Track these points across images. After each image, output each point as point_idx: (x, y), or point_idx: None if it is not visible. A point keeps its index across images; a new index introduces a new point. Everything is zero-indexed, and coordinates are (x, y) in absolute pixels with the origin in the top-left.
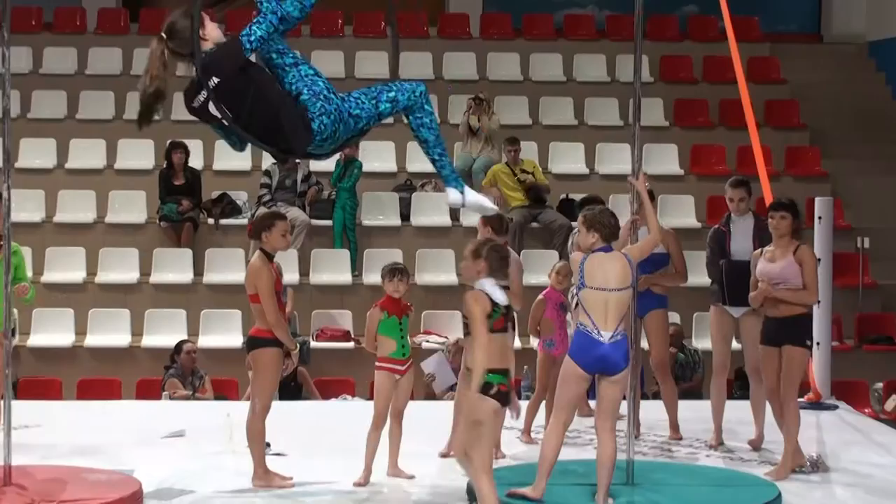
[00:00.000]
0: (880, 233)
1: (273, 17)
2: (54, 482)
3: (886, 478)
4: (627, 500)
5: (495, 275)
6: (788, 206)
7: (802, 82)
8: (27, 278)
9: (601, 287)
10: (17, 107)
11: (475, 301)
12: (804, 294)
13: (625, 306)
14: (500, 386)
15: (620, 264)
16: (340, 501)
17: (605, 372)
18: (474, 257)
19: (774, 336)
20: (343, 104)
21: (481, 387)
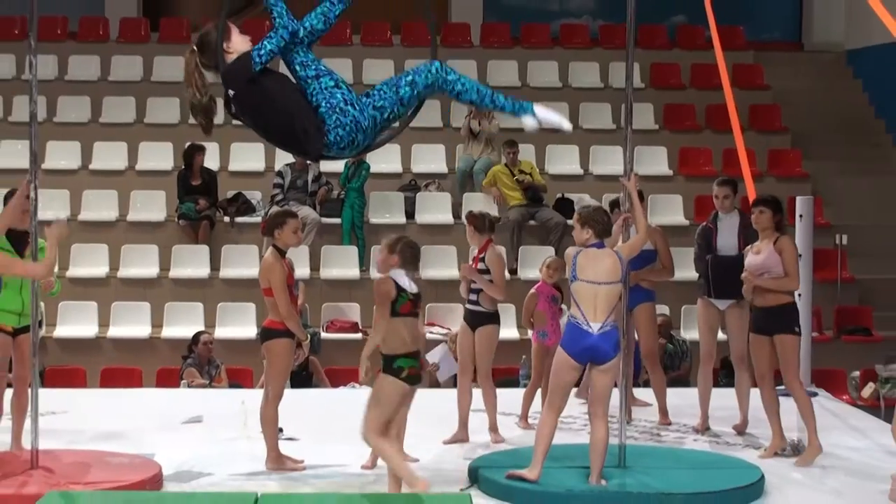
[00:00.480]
0: (858, 230)
1: (284, 31)
2: (79, 465)
3: (863, 460)
4: (619, 482)
5: (407, 267)
6: (767, 202)
7: (784, 88)
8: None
9: (592, 280)
10: (44, 111)
11: (385, 287)
12: (785, 281)
13: (614, 300)
14: (410, 370)
15: (611, 260)
16: (349, 483)
17: (595, 361)
18: (389, 251)
19: (763, 325)
20: (361, 113)
21: (392, 370)
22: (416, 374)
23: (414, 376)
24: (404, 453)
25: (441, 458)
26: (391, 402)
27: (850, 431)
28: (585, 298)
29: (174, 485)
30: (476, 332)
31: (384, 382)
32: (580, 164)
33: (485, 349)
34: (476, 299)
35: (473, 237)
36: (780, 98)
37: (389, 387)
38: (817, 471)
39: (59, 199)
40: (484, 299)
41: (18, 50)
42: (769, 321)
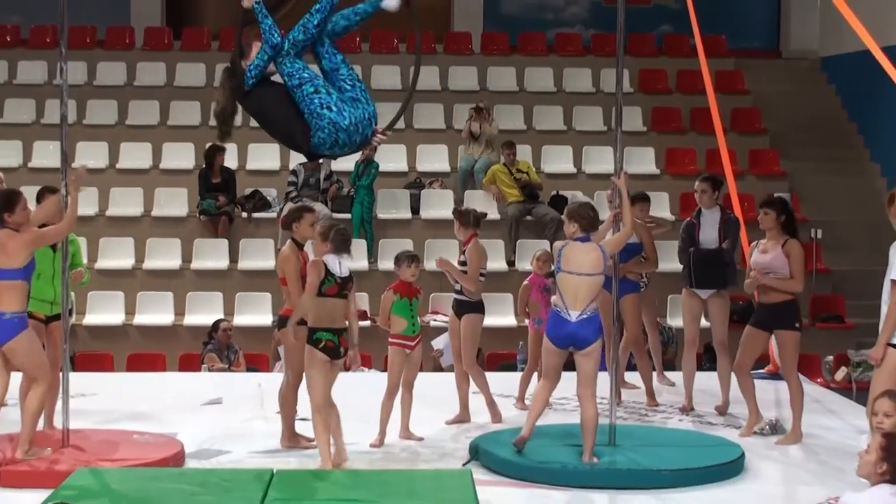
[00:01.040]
0: (831, 225)
1: (267, 47)
2: (107, 443)
3: (835, 439)
4: (610, 459)
5: (338, 252)
6: (771, 203)
7: (763, 93)
8: (83, 264)
9: (575, 272)
10: (74, 114)
11: (315, 269)
12: (791, 283)
13: (595, 290)
14: (327, 342)
15: (595, 254)
16: (358, 460)
17: (575, 346)
18: (322, 239)
19: (765, 320)
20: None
21: (312, 340)
22: (333, 346)
23: (331, 349)
24: (409, 431)
25: (444, 436)
26: (319, 370)
27: (824, 412)
28: (568, 288)
29: (195, 462)
30: (461, 319)
31: (308, 354)
32: (573, 164)
33: (468, 336)
34: (460, 289)
35: (459, 231)
36: (760, 102)
37: (312, 356)
38: (793, 449)
39: (88, 196)
40: (466, 289)
41: (50, 57)
42: (771, 317)
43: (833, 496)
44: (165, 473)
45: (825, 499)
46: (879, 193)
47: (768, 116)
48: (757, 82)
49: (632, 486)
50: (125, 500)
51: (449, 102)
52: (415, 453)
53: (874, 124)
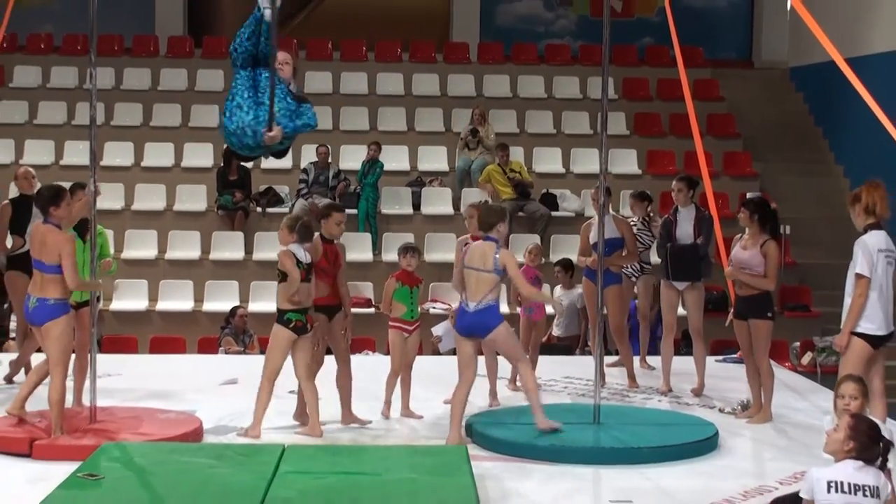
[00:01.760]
0: (799, 221)
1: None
2: (131, 420)
3: (801, 418)
4: (594, 437)
5: (302, 242)
6: (747, 203)
7: (737, 100)
8: (110, 255)
9: (474, 267)
10: (102, 116)
11: (287, 257)
12: (763, 281)
13: (489, 284)
14: (297, 322)
15: (490, 253)
16: (363, 435)
17: (477, 334)
18: (289, 231)
19: (742, 310)
20: (230, 119)
21: (283, 321)
22: (301, 325)
23: (299, 327)
24: (409, 410)
25: (442, 415)
26: (282, 347)
27: (792, 393)
28: (468, 282)
29: (213, 437)
30: None
31: (277, 332)
32: (562, 164)
33: None
34: None
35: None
36: (734, 108)
37: (281, 333)
38: (763, 427)
39: (115, 192)
40: None
41: (80, 63)
42: (746, 307)
43: (800, 470)
44: (185, 448)
45: (792, 473)
46: (843, 193)
47: (741, 122)
48: (731, 90)
49: (615, 462)
50: (148, 472)
51: (448, 107)
52: (415, 430)
53: (838, 129)
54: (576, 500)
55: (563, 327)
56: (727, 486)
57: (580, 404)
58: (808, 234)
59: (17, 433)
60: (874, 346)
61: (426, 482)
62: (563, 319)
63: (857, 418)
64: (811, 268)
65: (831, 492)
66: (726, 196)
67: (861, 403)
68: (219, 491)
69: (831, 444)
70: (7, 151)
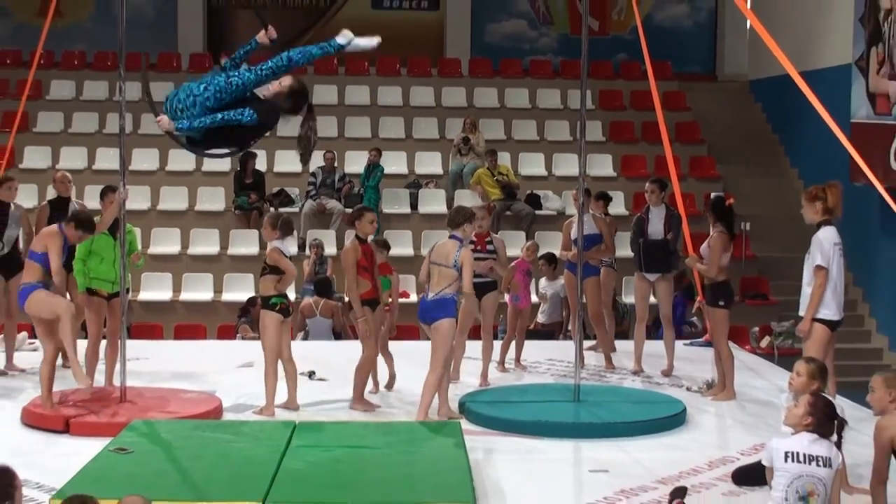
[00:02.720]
0: (758, 219)
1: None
2: (158, 399)
3: (760, 396)
4: (574, 413)
5: (284, 237)
6: (706, 204)
7: (702, 110)
8: (138, 250)
9: (438, 262)
10: (130, 125)
11: (278, 254)
12: (706, 269)
13: (449, 279)
14: (281, 305)
15: (452, 250)
16: (366, 414)
17: (426, 321)
18: (272, 228)
19: (707, 298)
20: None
21: (269, 305)
22: (285, 307)
23: (284, 309)
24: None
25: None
26: (273, 329)
27: (751, 373)
28: (433, 274)
29: (231, 415)
30: (481, 299)
31: (265, 316)
32: (545, 168)
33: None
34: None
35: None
36: (699, 117)
37: (268, 317)
38: (726, 403)
39: (143, 194)
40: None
41: (110, 78)
42: (707, 295)
43: (759, 442)
44: (206, 424)
45: (752, 445)
46: (797, 193)
47: (706, 129)
48: (696, 101)
49: (593, 436)
50: (173, 446)
51: (442, 117)
52: (413, 407)
53: (793, 136)
54: (558, 470)
55: (546, 315)
56: (694, 456)
57: (562, 384)
58: (765, 231)
59: (53, 412)
60: (832, 330)
61: (423, 454)
62: (546, 307)
63: (817, 397)
64: (769, 260)
65: (788, 461)
66: (693, 196)
67: (805, 382)
68: (237, 463)
69: (791, 419)
70: (45, 157)
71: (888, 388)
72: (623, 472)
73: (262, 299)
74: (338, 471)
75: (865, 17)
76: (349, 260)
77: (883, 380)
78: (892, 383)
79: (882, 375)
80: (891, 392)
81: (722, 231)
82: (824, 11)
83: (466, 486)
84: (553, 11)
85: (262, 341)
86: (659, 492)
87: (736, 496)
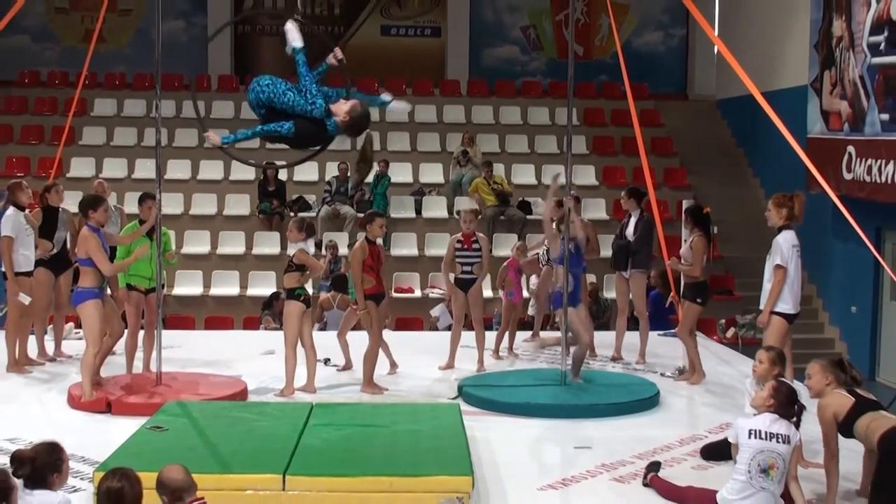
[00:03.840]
0: (724, 223)
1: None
2: (190, 382)
3: (726, 381)
4: (561, 395)
5: (308, 238)
6: (684, 211)
7: (675, 126)
8: (172, 250)
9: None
10: (166, 139)
11: (304, 254)
12: (689, 269)
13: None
14: (304, 296)
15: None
16: (375, 397)
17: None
18: (298, 231)
19: (684, 294)
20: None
21: (294, 296)
22: (307, 298)
23: (306, 300)
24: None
25: (437, 379)
26: (296, 318)
27: (718, 360)
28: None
29: (255, 397)
30: (467, 293)
31: (290, 307)
32: (535, 178)
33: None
34: (469, 270)
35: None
36: (672, 133)
37: (292, 307)
38: (696, 387)
39: (176, 200)
40: (476, 271)
41: (148, 97)
42: (686, 292)
43: (725, 422)
44: (233, 405)
45: (719, 424)
46: (759, 200)
47: (679, 144)
48: (670, 118)
49: (577, 416)
50: (203, 424)
51: (443, 132)
52: (416, 391)
53: (756, 150)
54: (546, 446)
55: (535, 308)
56: (667, 434)
57: (550, 369)
58: (731, 234)
59: (96, 395)
60: (790, 323)
61: (426, 432)
62: (536, 302)
63: (780, 383)
64: (734, 260)
65: (751, 437)
66: (667, 203)
67: (767, 368)
68: (260, 439)
69: (757, 401)
70: (89, 168)
71: (825, 372)
72: (604, 448)
73: (287, 291)
74: (350, 447)
75: (819, 44)
76: (357, 258)
77: (820, 366)
78: (827, 369)
79: (819, 363)
80: (827, 377)
81: (701, 235)
82: (783, 39)
83: (465, 460)
84: (542, 38)
85: (284, 329)
86: (636, 465)
87: (704, 469)
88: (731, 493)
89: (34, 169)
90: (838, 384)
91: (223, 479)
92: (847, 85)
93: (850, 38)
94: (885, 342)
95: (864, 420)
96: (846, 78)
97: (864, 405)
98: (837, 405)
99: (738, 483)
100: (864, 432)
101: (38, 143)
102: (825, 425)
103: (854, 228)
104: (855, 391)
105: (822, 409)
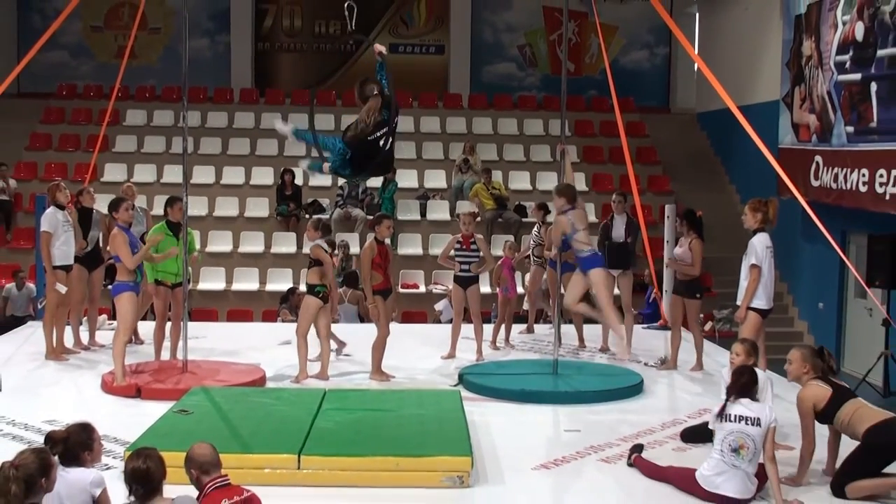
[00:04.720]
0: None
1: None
2: (213, 370)
3: (705, 370)
4: (553, 383)
5: (324, 236)
6: (679, 215)
7: (658, 137)
8: (196, 249)
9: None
10: (192, 147)
11: (319, 249)
12: (690, 269)
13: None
14: (323, 293)
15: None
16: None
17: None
18: (314, 229)
19: (680, 290)
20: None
21: (314, 292)
22: (325, 294)
23: (325, 296)
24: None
25: (440, 367)
26: (312, 311)
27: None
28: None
29: (273, 383)
30: (467, 290)
31: (309, 301)
32: (530, 184)
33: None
34: (467, 268)
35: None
36: (656, 143)
37: (311, 301)
38: (677, 374)
39: (201, 203)
40: (474, 269)
41: (175, 108)
42: (683, 289)
43: (703, 407)
44: (253, 391)
45: (698, 409)
46: (735, 205)
47: (662, 153)
48: (654, 130)
49: (568, 402)
50: (225, 408)
51: (446, 142)
52: (419, 378)
53: (732, 159)
54: (539, 429)
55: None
56: (650, 418)
57: (543, 360)
58: (709, 235)
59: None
60: (763, 317)
61: (430, 416)
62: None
63: (738, 370)
64: (712, 260)
65: (723, 420)
66: (650, 207)
67: (743, 360)
68: (277, 422)
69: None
70: (122, 173)
71: (804, 360)
72: (592, 431)
73: (308, 286)
74: (360, 429)
75: (791, 62)
76: (366, 256)
77: (800, 354)
78: (806, 357)
79: (799, 350)
80: (805, 365)
81: (697, 237)
82: (758, 57)
83: (465, 442)
84: (537, 56)
85: (299, 319)
86: (621, 448)
87: (683, 451)
88: (707, 470)
89: (71, 174)
90: (816, 371)
91: (243, 459)
92: (815, 100)
93: (819, 57)
94: (850, 335)
95: (848, 408)
96: (815, 93)
97: (841, 394)
98: (816, 397)
99: (713, 461)
100: (847, 420)
101: (74, 150)
102: (804, 416)
103: (822, 231)
104: (831, 380)
105: (801, 400)
